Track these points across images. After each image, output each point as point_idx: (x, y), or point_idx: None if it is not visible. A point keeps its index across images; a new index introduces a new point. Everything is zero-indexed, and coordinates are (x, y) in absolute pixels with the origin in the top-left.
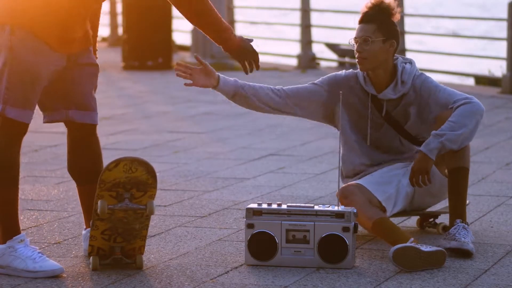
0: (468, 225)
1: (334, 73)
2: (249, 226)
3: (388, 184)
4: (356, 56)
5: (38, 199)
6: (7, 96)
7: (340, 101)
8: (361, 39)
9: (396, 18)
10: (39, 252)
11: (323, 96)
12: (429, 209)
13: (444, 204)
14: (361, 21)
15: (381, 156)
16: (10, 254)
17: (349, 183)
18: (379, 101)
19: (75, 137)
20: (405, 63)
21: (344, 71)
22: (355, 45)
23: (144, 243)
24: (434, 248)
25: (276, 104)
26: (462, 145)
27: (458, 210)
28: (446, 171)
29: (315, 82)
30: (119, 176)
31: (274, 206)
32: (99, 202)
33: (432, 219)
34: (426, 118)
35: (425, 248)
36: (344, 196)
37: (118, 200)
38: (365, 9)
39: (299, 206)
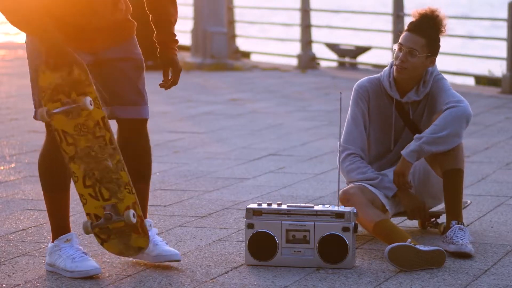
0: (464, 225)
1: (357, 90)
2: (249, 226)
3: (392, 188)
4: (395, 62)
5: (38, 199)
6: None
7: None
8: (408, 49)
9: (443, 34)
10: (83, 252)
11: (365, 120)
12: (430, 209)
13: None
14: (412, 30)
15: (389, 161)
16: (55, 253)
17: (350, 185)
18: (402, 105)
19: (123, 134)
20: None
21: (365, 79)
22: (397, 50)
23: (135, 198)
24: (432, 248)
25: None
26: (446, 147)
27: (453, 211)
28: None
29: (358, 112)
30: (55, 78)
31: (274, 206)
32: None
33: (434, 219)
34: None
35: (423, 247)
36: (346, 199)
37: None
38: (418, 17)
39: (299, 206)
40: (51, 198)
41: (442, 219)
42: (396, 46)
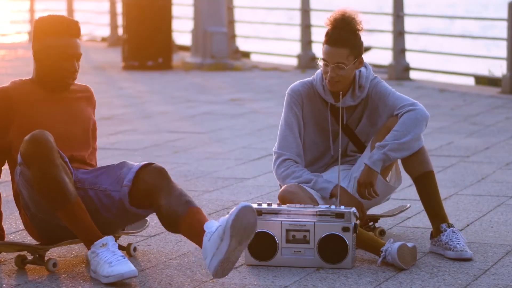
0: (453, 226)
1: (290, 94)
2: None
3: (327, 188)
4: (325, 77)
5: None
6: None
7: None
8: (334, 64)
9: (361, 31)
10: (121, 256)
11: (300, 124)
12: (369, 213)
13: (385, 207)
14: (332, 44)
15: (324, 164)
16: (94, 259)
17: (288, 184)
18: (336, 110)
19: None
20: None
21: (297, 83)
22: (323, 66)
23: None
24: (411, 244)
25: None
26: (409, 152)
27: (438, 215)
28: (388, 176)
29: (292, 117)
30: None
31: (274, 206)
32: None
33: (372, 223)
34: (375, 122)
35: (408, 244)
36: (288, 198)
37: None
38: (332, 26)
39: (299, 206)
40: (65, 214)
41: (380, 223)
42: (321, 62)
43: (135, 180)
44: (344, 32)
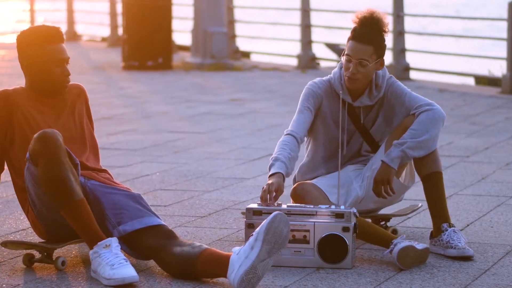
0: (454, 226)
1: (309, 88)
2: (249, 226)
3: (340, 186)
4: (346, 73)
5: None
6: None
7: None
8: (358, 60)
9: (387, 34)
10: (123, 259)
11: (312, 116)
12: (381, 212)
13: (397, 207)
14: (358, 39)
15: (336, 164)
16: (96, 260)
17: (303, 181)
18: (353, 109)
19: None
20: None
21: (316, 80)
22: (345, 61)
23: None
24: (423, 245)
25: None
26: (426, 152)
27: (441, 215)
28: (401, 176)
29: (307, 105)
30: None
31: (274, 206)
32: None
33: (383, 222)
34: (390, 121)
35: (418, 245)
36: (301, 196)
37: None
38: (360, 23)
39: (299, 206)
40: (68, 212)
41: (392, 222)
42: (344, 57)
43: (137, 233)
44: (371, 30)
